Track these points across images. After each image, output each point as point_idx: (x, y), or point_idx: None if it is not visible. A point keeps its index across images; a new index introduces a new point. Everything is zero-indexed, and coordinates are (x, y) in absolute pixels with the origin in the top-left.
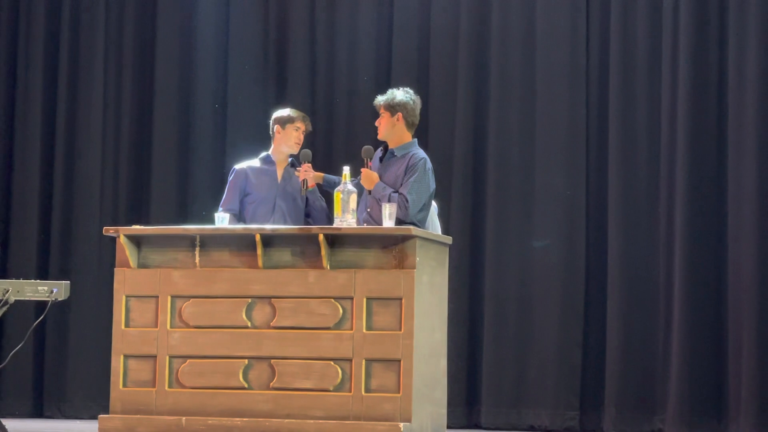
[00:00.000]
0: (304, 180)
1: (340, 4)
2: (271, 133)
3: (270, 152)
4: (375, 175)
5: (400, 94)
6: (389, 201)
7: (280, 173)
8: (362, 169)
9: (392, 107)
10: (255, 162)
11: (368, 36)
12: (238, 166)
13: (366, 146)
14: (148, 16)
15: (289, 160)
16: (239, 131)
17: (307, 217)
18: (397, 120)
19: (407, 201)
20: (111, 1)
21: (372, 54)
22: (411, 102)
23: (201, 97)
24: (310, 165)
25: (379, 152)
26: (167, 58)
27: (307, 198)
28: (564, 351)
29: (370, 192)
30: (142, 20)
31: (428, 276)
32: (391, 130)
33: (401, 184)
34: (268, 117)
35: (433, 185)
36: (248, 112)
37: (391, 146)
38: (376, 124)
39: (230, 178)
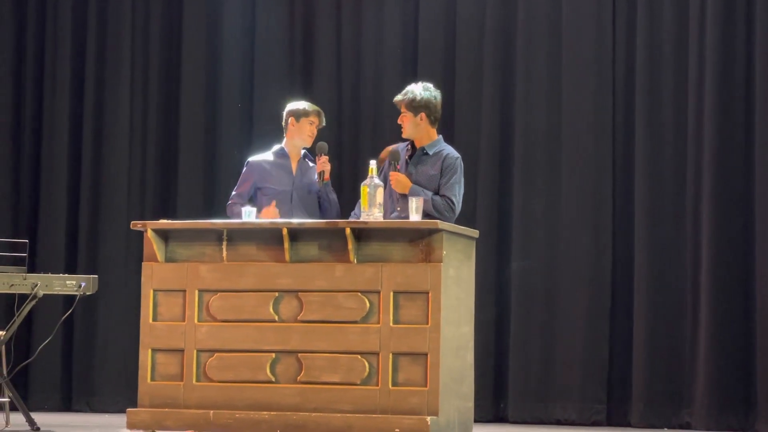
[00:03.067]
0: (320, 172)
1: (365, 7)
2: (284, 125)
3: (283, 145)
4: (406, 178)
5: (421, 91)
6: (433, 205)
7: (294, 166)
8: (392, 174)
9: (414, 107)
10: (269, 155)
11: (394, 31)
12: (252, 159)
13: (390, 149)
14: (175, 12)
15: (302, 152)
16: (265, 126)
17: (319, 208)
18: (420, 119)
19: (453, 204)
20: (137, 14)
21: (398, 49)
22: (433, 99)
23: (227, 93)
24: (327, 157)
25: (402, 150)
26: (193, 54)
27: (319, 190)
28: (591, 344)
29: (400, 196)
30: (169, 16)
31: (455, 269)
32: (416, 129)
33: (439, 185)
34: None
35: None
36: (274, 107)
37: (418, 144)
38: (399, 122)
39: (245, 170)
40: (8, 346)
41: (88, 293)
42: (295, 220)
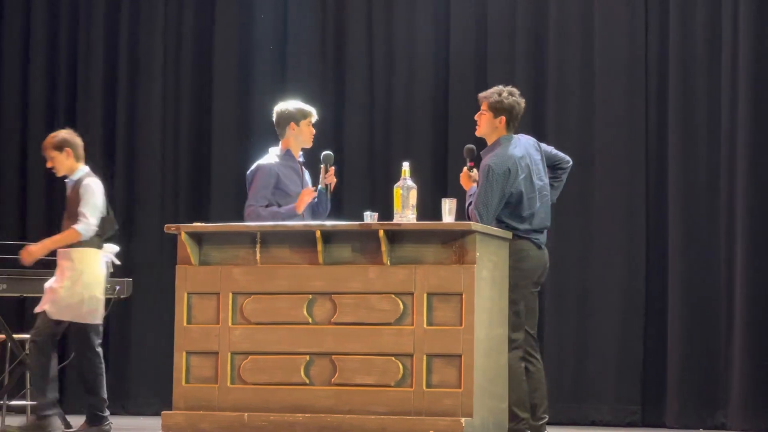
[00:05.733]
0: (327, 185)
1: (397, 5)
2: (279, 129)
3: (288, 148)
4: (471, 178)
5: (507, 96)
6: (467, 210)
7: (300, 169)
8: (464, 168)
9: (497, 110)
10: (273, 158)
11: (425, 31)
12: (264, 163)
13: (468, 145)
14: (206, 16)
15: (322, 156)
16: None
17: (313, 213)
18: (499, 123)
19: (478, 214)
20: (169, 10)
21: (429, 48)
22: (517, 106)
23: (259, 96)
24: (333, 168)
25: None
26: (225, 57)
27: (317, 198)
28: (625, 345)
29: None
30: (200, 20)
31: (488, 271)
32: (491, 131)
33: None
34: (327, 113)
35: (509, 186)
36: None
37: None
38: (476, 118)
39: (258, 174)
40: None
41: (122, 296)
42: (329, 222)
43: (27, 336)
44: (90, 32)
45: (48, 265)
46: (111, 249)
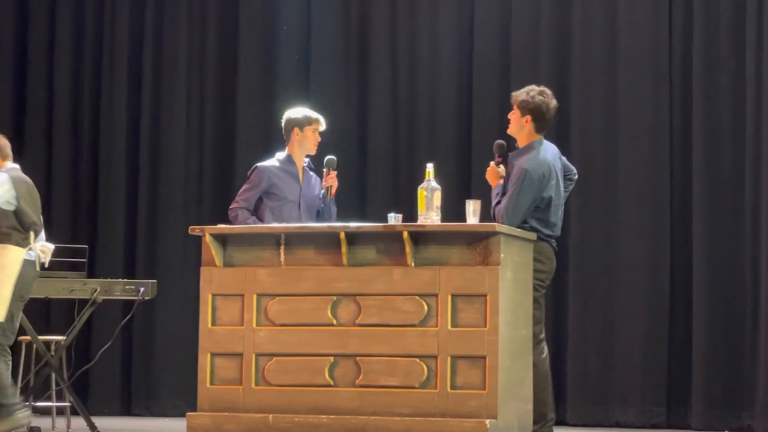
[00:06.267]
0: (328, 187)
1: (421, 6)
2: (285, 133)
3: (290, 152)
4: (498, 174)
5: (536, 95)
6: (494, 209)
7: (301, 174)
8: (490, 163)
9: (524, 108)
10: (275, 162)
11: (449, 33)
12: (261, 164)
13: (499, 141)
14: (230, 19)
15: (306, 161)
16: (320, 133)
17: (318, 217)
18: (525, 122)
19: (504, 215)
20: (193, 14)
21: (453, 50)
22: (544, 106)
23: (283, 96)
24: (335, 172)
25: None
26: (249, 58)
27: (321, 204)
28: (650, 347)
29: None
30: (224, 22)
31: (513, 272)
32: (519, 130)
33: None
34: (352, 115)
35: (542, 191)
36: (330, 110)
37: (519, 145)
38: (508, 117)
39: (251, 175)
40: (68, 351)
41: (147, 298)
42: (353, 224)
43: (53, 337)
44: (114, 38)
45: (75, 266)
46: (42, 246)
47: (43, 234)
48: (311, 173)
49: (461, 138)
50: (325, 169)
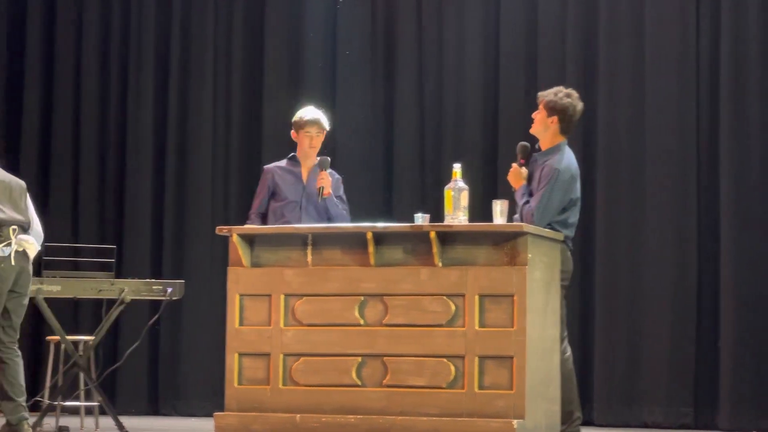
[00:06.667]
0: (320, 188)
1: (447, 3)
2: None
3: (296, 152)
4: (522, 175)
5: (563, 96)
6: (522, 209)
7: (305, 174)
8: (513, 165)
9: (550, 109)
10: (282, 162)
11: (475, 33)
12: (267, 166)
13: (522, 143)
14: (256, 20)
15: (317, 160)
16: (347, 131)
17: (327, 221)
18: (551, 123)
19: (533, 215)
20: (219, 17)
21: (479, 50)
22: (571, 108)
23: (309, 97)
24: (325, 173)
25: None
26: (275, 59)
27: (317, 204)
28: (677, 346)
29: (514, 191)
30: (250, 23)
31: (540, 272)
32: (544, 131)
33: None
34: (378, 115)
35: (569, 192)
36: (356, 112)
37: (541, 146)
38: (533, 116)
39: (261, 178)
40: (96, 351)
41: (174, 298)
42: (380, 224)
43: (81, 337)
44: (141, 39)
45: (103, 267)
46: (21, 240)
47: (38, 227)
48: (325, 172)
49: (487, 138)
50: (318, 170)
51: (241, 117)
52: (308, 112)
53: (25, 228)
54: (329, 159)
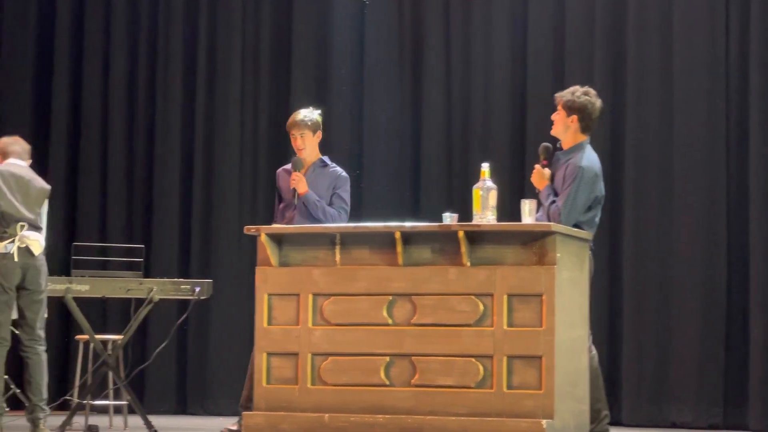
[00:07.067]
0: (293, 188)
1: (475, 3)
2: None
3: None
4: (545, 175)
5: (581, 95)
6: (549, 209)
7: (304, 174)
8: (536, 166)
9: (569, 108)
10: (288, 164)
11: (503, 33)
12: (278, 169)
13: (544, 144)
14: (284, 18)
15: (319, 159)
16: (375, 132)
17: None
18: (571, 122)
19: (559, 214)
20: (247, 16)
21: (507, 50)
22: (590, 106)
23: (337, 98)
24: (301, 174)
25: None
26: (303, 58)
27: (295, 206)
28: (706, 346)
29: (538, 192)
30: (278, 22)
31: (568, 272)
32: (565, 131)
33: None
34: (404, 116)
35: (594, 190)
36: (384, 114)
37: (563, 146)
38: (552, 118)
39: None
40: (125, 351)
41: (202, 297)
42: (408, 224)
43: (109, 337)
44: (169, 35)
45: (132, 266)
46: (24, 236)
47: (44, 223)
48: (324, 171)
49: (515, 138)
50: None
51: (269, 117)
52: (294, 115)
53: (35, 226)
54: (302, 159)
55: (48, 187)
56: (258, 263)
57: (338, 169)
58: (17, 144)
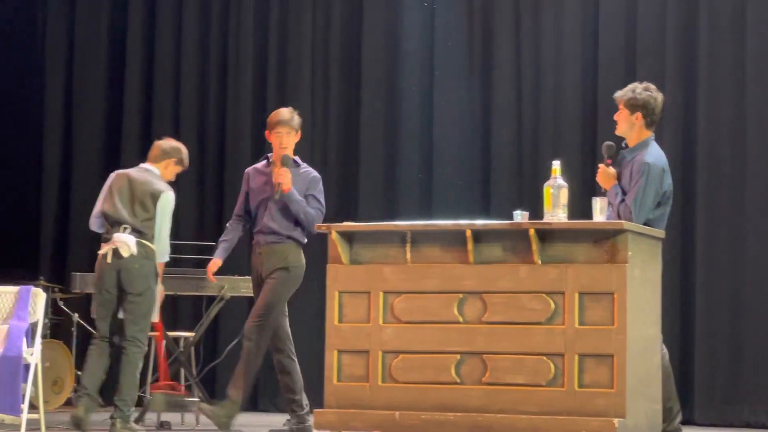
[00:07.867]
0: (278, 183)
1: (545, 3)
2: None
3: (272, 153)
4: (611, 175)
5: (642, 91)
6: (618, 208)
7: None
8: (599, 166)
9: (632, 106)
10: (260, 163)
11: (574, 30)
12: (247, 169)
13: (608, 142)
14: (354, 18)
15: (291, 160)
16: (445, 131)
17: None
18: (636, 119)
19: (630, 211)
20: (317, 13)
21: (578, 48)
22: (652, 101)
23: (407, 98)
24: (286, 169)
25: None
26: (373, 53)
27: (277, 201)
28: None
29: (605, 192)
30: (348, 22)
31: (640, 270)
32: (630, 129)
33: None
34: (475, 113)
35: (662, 186)
36: (454, 113)
37: (628, 144)
38: (615, 118)
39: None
40: (197, 348)
41: None
42: (479, 222)
43: (181, 333)
44: (239, 38)
45: (200, 264)
46: (116, 239)
47: (161, 228)
48: (297, 171)
49: (586, 136)
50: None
51: (339, 115)
52: (280, 113)
53: (137, 230)
54: (290, 156)
55: (161, 189)
56: (329, 261)
57: (310, 169)
58: (154, 149)
